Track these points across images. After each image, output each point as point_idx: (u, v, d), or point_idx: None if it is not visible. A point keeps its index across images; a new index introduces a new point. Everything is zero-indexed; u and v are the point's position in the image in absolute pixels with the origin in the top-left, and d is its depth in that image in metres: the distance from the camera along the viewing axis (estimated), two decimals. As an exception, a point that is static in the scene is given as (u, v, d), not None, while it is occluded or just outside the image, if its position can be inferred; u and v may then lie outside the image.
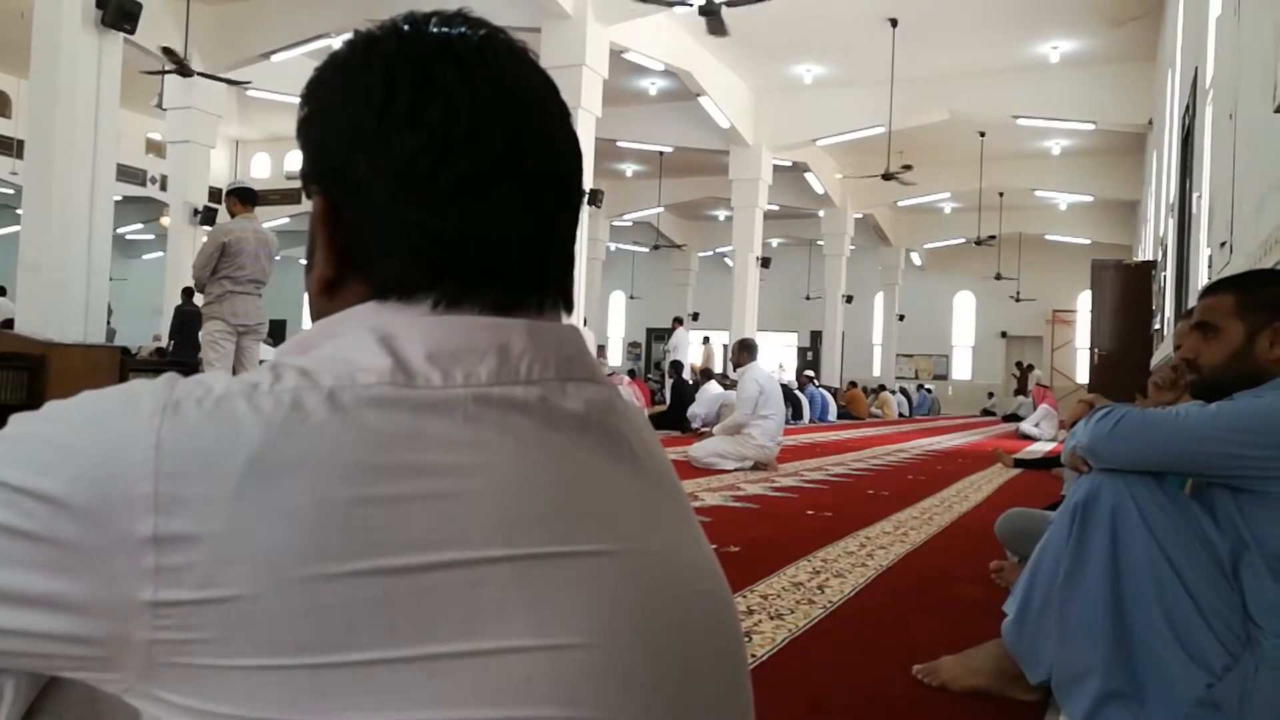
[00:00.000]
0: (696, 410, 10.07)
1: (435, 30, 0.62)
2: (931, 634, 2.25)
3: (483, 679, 0.49)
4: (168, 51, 10.06)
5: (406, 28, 0.63)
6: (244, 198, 6.00)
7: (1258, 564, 1.55)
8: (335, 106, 0.62)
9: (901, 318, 24.07)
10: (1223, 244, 4.35)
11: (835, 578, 2.91)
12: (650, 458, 0.66)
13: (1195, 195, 6.11)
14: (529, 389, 0.57)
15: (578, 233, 0.70)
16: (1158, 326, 8.81)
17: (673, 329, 15.26)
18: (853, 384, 19.72)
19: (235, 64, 11.77)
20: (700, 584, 0.63)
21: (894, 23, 12.15)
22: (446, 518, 0.51)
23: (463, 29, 0.63)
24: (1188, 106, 6.61)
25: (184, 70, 10.08)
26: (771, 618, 2.36)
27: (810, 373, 17.94)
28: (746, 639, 2.15)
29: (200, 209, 11.67)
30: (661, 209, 21.25)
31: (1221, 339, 1.69)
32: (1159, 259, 9.54)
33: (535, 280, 0.63)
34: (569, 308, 0.68)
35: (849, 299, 21.09)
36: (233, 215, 5.98)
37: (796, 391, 14.93)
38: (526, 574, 0.52)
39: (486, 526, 0.52)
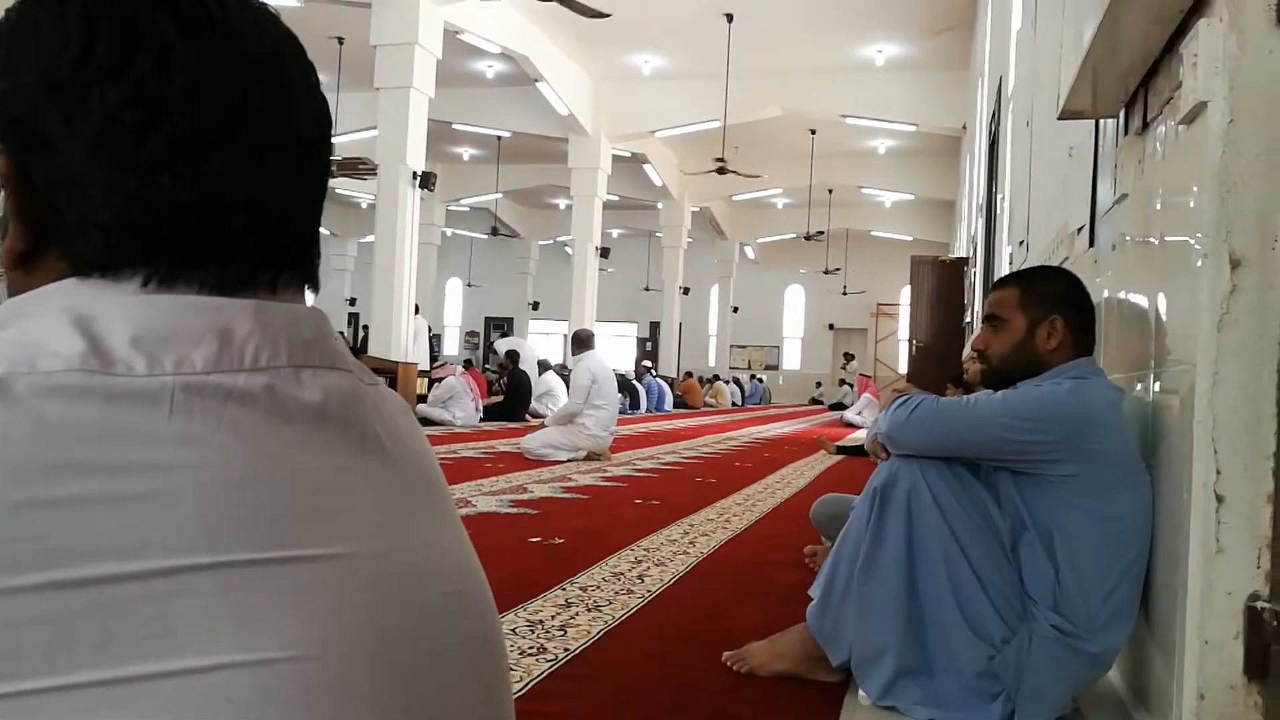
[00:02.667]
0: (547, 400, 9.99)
1: None
2: (746, 621, 2.29)
3: (178, 702, 0.43)
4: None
5: None
6: None
7: (1033, 542, 1.65)
8: (25, 53, 0.53)
9: (736, 309, 24.74)
10: (1021, 242, 4.65)
11: (656, 566, 2.92)
12: (404, 452, 0.60)
13: (1000, 197, 6.52)
14: (254, 377, 0.51)
15: (323, 206, 0.64)
16: (969, 320, 9.39)
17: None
18: (688, 374, 20.11)
19: None
20: (448, 585, 0.58)
21: (730, 17, 12.40)
22: (140, 522, 0.44)
23: None
24: (994, 114, 7.06)
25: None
26: (589, 610, 2.34)
27: (648, 363, 18.15)
28: (561, 632, 2.12)
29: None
30: (500, 195, 20.97)
31: (1007, 331, 1.79)
32: (970, 255, 10.17)
33: (266, 256, 0.56)
34: (313, 287, 0.62)
35: (686, 290, 21.47)
36: None
37: (634, 381, 15.08)
38: (234, 583, 0.46)
39: (189, 531, 0.45)
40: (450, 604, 0.58)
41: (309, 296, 0.62)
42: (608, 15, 8.88)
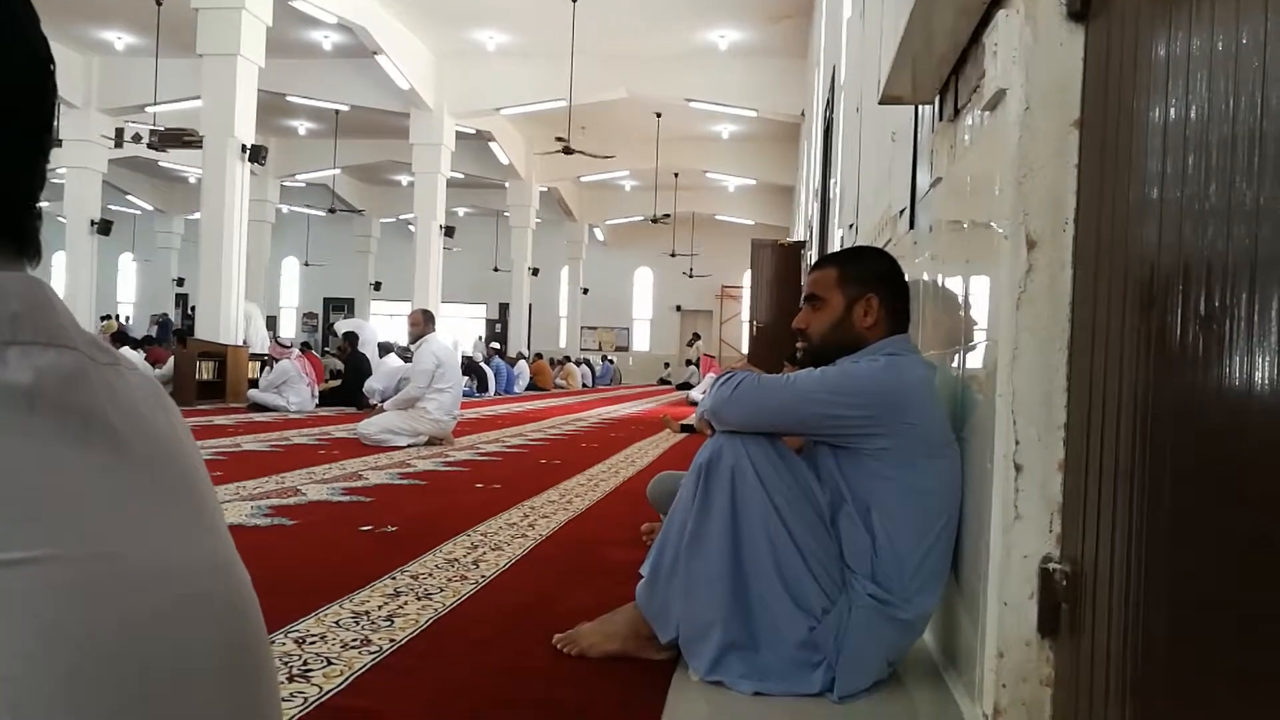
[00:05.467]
0: (374, 384, 9.69)
1: None
2: (579, 602, 2.27)
3: None
4: None
5: None
6: None
7: (851, 514, 1.70)
8: None
9: (586, 291, 24.78)
10: (851, 225, 4.82)
11: (493, 551, 2.87)
12: (146, 441, 0.53)
13: (833, 181, 6.75)
14: None
15: (43, 163, 0.56)
16: (805, 301, 9.70)
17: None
18: (539, 355, 20.00)
19: None
20: (189, 588, 0.52)
21: (574, -3, 12.31)
22: None
23: None
24: (828, 100, 7.28)
25: None
26: (419, 598, 2.27)
27: (496, 345, 17.93)
28: (388, 623, 2.04)
29: None
30: (338, 170, 20.18)
31: (826, 310, 1.83)
32: (808, 239, 10.50)
33: None
34: (30, 255, 0.54)
35: (535, 272, 21.33)
36: None
37: (482, 364, 14.86)
38: None
39: None
40: (191, 608, 0.52)
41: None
42: None
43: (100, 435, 0.50)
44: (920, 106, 2.45)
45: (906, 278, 1.94)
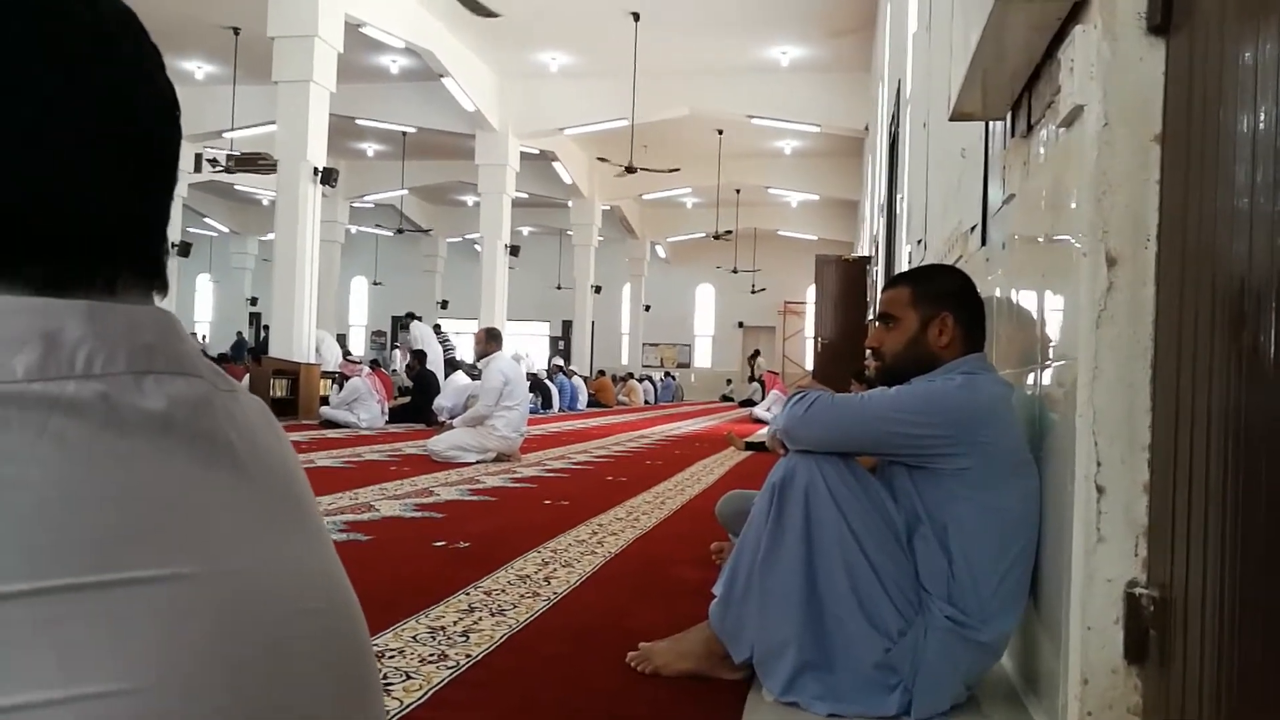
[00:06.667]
0: (443, 402, 9.83)
1: None
2: (650, 620, 2.28)
3: None
4: None
5: None
6: None
7: (928, 534, 1.68)
8: None
9: (648, 308, 24.86)
10: (919, 241, 4.77)
11: (563, 568, 2.90)
12: (261, 463, 0.57)
13: (899, 197, 6.69)
14: (85, 385, 0.47)
15: (170, 200, 0.60)
16: (871, 317, 9.61)
17: (406, 324, 14.77)
18: (601, 372, 20.10)
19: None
20: (306, 604, 0.55)
21: (636, 16, 12.42)
22: None
23: None
24: (893, 115, 7.23)
25: None
26: (493, 614, 2.30)
27: (560, 361, 18.07)
28: (464, 638, 2.07)
29: None
30: (405, 191, 20.61)
31: (900, 328, 1.82)
32: (873, 255, 10.41)
33: (102, 254, 0.52)
34: (160, 288, 0.58)
35: (598, 289, 21.48)
36: None
37: (546, 381, 14.99)
38: (57, 611, 0.42)
39: (4, 556, 0.41)
40: (309, 623, 0.54)
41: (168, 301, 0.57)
42: (497, 15, 8.77)
43: (224, 457, 0.53)
44: (991, 122, 2.42)
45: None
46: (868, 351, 5.97)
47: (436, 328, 13.98)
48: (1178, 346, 1.29)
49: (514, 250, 16.72)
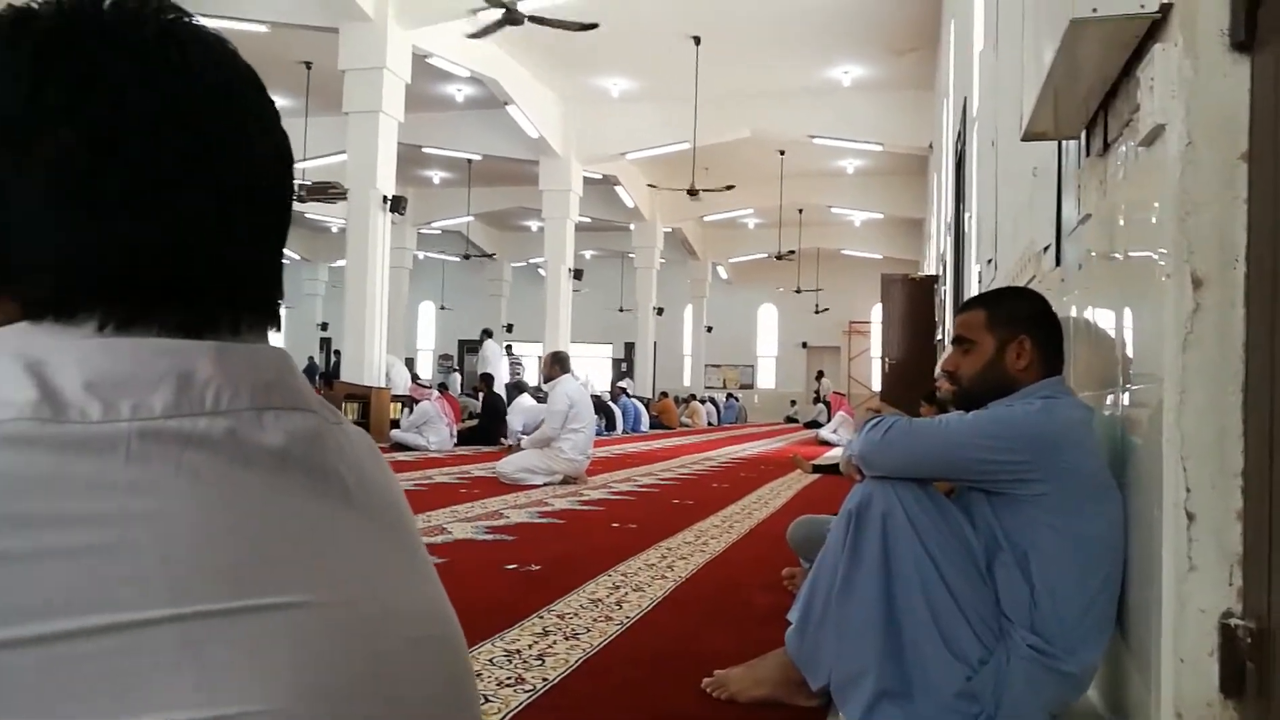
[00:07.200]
0: (515, 425, 9.93)
1: (106, 11, 0.53)
2: (724, 645, 2.27)
3: None
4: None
5: (68, 6, 0.54)
6: None
7: (1008, 562, 1.65)
8: None
9: (710, 329, 24.83)
10: (989, 261, 4.70)
11: (634, 592, 2.91)
12: (369, 493, 0.59)
13: (967, 215, 6.60)
14: (214, 421, 0.50)
15: (284, 245, 0.63)
16: (940, 337, 9.46)
17: (481, 341, 15.05)
18: (664, 394, 20.11)
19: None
20: (418, 630, 0.57)
21: (697, 40, 12.51)
22: (93, 576, 0.43)
23: (139, 12, 0.54)
24: (959, 133, 7.15)
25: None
26: (567, 638, 2.32)
27: (623, 384, 18.13)
28: (539, 662, 2.09)
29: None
30: (471, 218, 20.95)
31: (976, 352, 1.80)
32: (940, 274, 10.27)
33: (227, 297, 0.55)
34: (275, 327, 0.61)
35: (660, 311, 21.52)
36: None
37: (609, 403, 15.06)
38: (196, 635, 0.45)
39: (147, 584, 0.44)
40: (420, 650, 0.57)
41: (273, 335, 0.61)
42: (595, 25, 8.88)
43: (336, 490, 0.56)
44: (1064, 140, 2.39)
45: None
46: (938, 373, 5.87)
47: (508, 348, 14.17)
48: (1270, 369, 1.26)
49: (577, 274, 16.88)
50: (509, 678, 1.97)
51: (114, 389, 0.47)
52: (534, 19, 8.69)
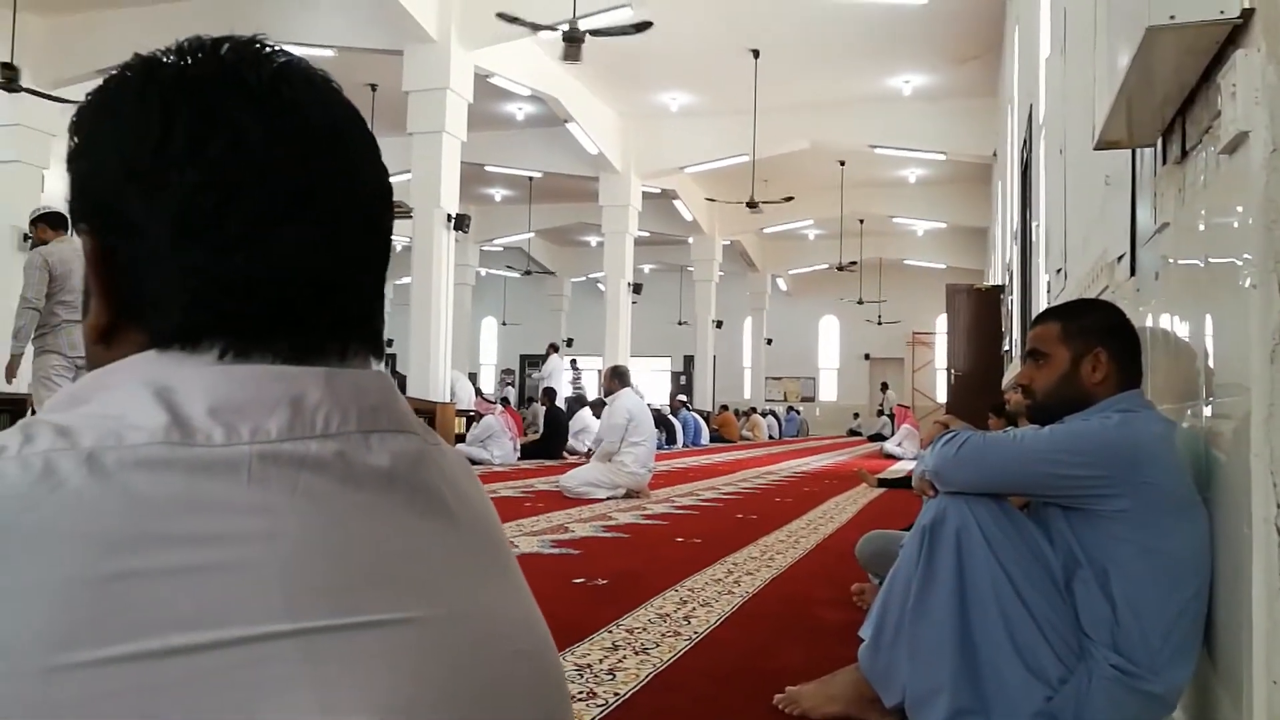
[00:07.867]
0: (585, 438, 9.99)
1: (223, 57, 0.57)
2: (794, 661, 2.26)
3: None
4: (-3, 64, 9.35)
5: (190, 53, 0.57)
6: (53, 223, 5.47)
7: (1088, 579, 1.62)
8: (106, 139, 0.56)
9: (770, 341, 24.69)
10: (1059, 270, 4.61)
11: (702, 607, 2.90)
12: (467, 511, 0.62)
13: (1034, 224, 6.48)
14: (325, 444, 0.53)
15: (387, 273, 0.66)
16: (1007, 348, 9.29)
17: (546, 355, 15.19)
18: (724, 407, 20.04)
19: (69, 80, 11.09)
20: (519, 643, 0.60)
21: (756, 54, 12.51)
22: (222, 591, 0.46)
23: (254, 57, 0.58)
24: (1025, 141, 7.03)
25: (10, 85, 9.29)
26: (637, 653, 2.33)
27: (683, 397, 18.12)
28: (610, 676, 2.11)
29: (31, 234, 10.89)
30: (532, 234, 21.18)
31: (1051, 365, 1.77)
32: (1006, 283, 10.08)
33: (335, 325, 0.58)
34: (378, 354, 0.64)
35: (719, 324, 21.47)
36: (44, 244, 5.46)
37: (670, 416, 15.05)
38: (315, 649, 0.47)
39: (270, 599, 0.47)
40: (524, 663, 0.59)
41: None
42: (649, 24, 8.91)
43: (438, 509, 0.58)
44: (1139, 148, 2.34)
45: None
46: (1005, 385, 5.75)
47: (573, 362, 14.26)
48: (1365, 382, 1.22)
49: (636, 288, 16.94)
50: (581, 692, 1.98)
51: (234, 414, 0.50)
52: (594, 33, 8.78)
